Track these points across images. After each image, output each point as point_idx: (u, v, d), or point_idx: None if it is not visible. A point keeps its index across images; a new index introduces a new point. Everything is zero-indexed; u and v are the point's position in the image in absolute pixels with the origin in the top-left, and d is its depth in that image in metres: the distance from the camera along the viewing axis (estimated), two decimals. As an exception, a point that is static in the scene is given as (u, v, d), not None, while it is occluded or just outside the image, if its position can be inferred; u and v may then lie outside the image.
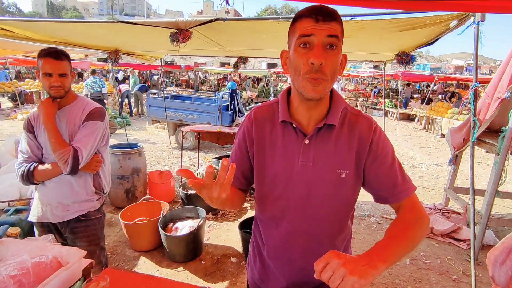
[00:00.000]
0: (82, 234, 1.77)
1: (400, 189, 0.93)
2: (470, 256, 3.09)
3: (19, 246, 1.17)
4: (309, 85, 0.81)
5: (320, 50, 0.78)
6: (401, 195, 0.93)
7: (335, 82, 0.86)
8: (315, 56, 0.78)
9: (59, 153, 1.54)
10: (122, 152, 3.82)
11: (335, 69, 0.82)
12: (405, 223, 0.88)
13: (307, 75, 0.81)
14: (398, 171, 0.94)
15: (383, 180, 0.93)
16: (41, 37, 3.27)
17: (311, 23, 0.79)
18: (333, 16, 0.80)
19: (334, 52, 0.80)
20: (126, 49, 4.28)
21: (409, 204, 0.93)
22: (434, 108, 10.81)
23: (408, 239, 0.84)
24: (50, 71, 1.55)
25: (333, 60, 0.80)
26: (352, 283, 0.66)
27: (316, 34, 0.79)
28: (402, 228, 0.86)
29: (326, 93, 0.86)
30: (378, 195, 0.97)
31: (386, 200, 0.95)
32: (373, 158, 0.92)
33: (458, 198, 3.76)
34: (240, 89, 13.68)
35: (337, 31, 0.80)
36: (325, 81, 0.81)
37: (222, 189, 0.75)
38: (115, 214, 3.70)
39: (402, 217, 0.91)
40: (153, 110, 7.44)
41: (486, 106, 3.01)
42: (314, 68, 0.79)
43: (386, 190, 0.94)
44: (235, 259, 2.95)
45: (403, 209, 0.93)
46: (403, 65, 3.41)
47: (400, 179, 0.93)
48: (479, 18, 1.88)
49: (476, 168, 2.15)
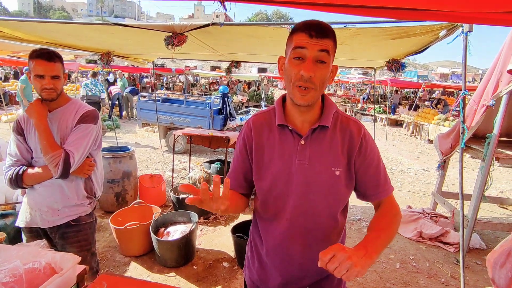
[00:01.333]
0: (72, 240, 1.72)
1: (382, 189, 1.04)
2: (457, 259, 3.17)
3: (10, 252, 1.13)
4: (298, 94, 0.91)
5: (311, 64, 0.87)
6: (383, 194, 1.04)
7: (324, 90, 0.96)
8: (305, 69, 0.87)
9: (50, 156, 1.50)
10: (112, 155, 3.76)
11: (324, 79, 0.92)
12: (388, 217, 1.01)
13: (297, 82, 0.90)
14: (382, 173, 1.04)
15: (369, 180, 1.03)
16: (30, 37, 3.21)
17: (305, 37, 0.88)
18: (326, 33, 0.88)
19: (324, 66, 0.89)
20: (118, 51, 4.23)
21: (388, 202, 1.05)
22: (421, 114, 11.08)
23: (392, 231, 0.97)
24: (42, 73, 1.51)
25: (322, 73, 0.89)
26: (355, 273, 0.77)
27: (308, 48, 0.87)
28: (386, 222, 0.99)
29: (314, 101, 0.94)
30: (362, 193, 1.07)
31: (369, 198, 1.06)
32: (362, 159, 1.01)
33: (446, 203, 3.85)
34: (231, 93, 13.69)
35: (328, 47, 0.88)
36: (314, 90, 0.91)
37: (220, 202, 0.81)
38: (105, 218, 3.63)
39: (385, 212, 1.03)
40: (143, 113, 7.36)
41: (472, 113, 3.11)
42: (303, 78, 0.88)
43: (370, 189, 1.04)
44: (227, 263, 2.94)
45: (384, 206, 1.05)
46: (393, 72, 3.49)
47: (383, 180, 1.04)
48: (467, 29, 1.95)
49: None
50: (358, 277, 0.78)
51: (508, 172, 7.09)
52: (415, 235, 3.64)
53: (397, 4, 1.52)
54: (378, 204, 1.07)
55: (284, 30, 2.51)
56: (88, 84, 7.99)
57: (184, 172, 5.53)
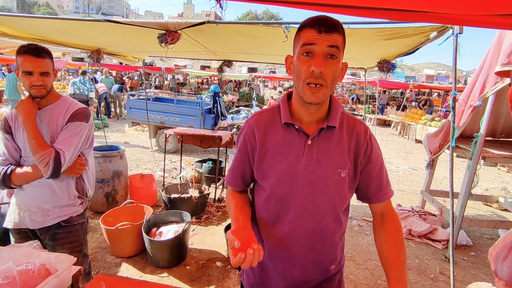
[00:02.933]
0: (63, 241, 1.68)
1: (384, 192, 1.04)
2: (445, 256, 3.25)
3: (2, 254, 1.10)
4: (309, 92, 0.88)
5: (321, 59, 0.84)
6: (384, 197, 1.04)
7: (334, 88, 0.93)
8: (316, 64, 0.84)
9: (39, 155, 1.45)
10: (102, 154, 3.69)
11: (335, 76, 0.88)
12: (399, 241, 1.01)
13: (308, 79, 0.86)
14: (384, 176, 1.05)
15: (372, 182, 1.02)
16: (17, 33, 3.11)
17: (314, 33, 0.85)
18: (335, 28, 0.85)
19: (334, 61, 0.86)
20: (108, 48, 4.15)
21: (388, 209, 1.07)
22: (408, 115, 11.31)
23: (405, 255, 1.00)
24: (30, 69, 1.46)
25: (332, 69, 0.86)
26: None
27: (318, 44, 0.84)
28: (399, 249, 1.00)
29: (325, 98, 0.92)
30: (363, 194, 1.06)
31: (370, 199, 1.06)
32: (367, 161, 1.00)
33: (434, 201, 3.94)
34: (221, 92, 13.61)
35: (338, 42, 0.85)
36: (325, 87, 0.88)
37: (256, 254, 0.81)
38: (95, 219, 3.56)
39: (392, 232, 1.03)
40: (133, 112, 7.25)
41: (460, 113, 3.19)
42: (314, 74, 0.85)
43: (372, 191, 1.03)
44: (220, 263, 2.92)
45: (387, 217, 1.06)
46: (384, 72, 3.55)
47: (385, 183, 1.04)
48: (458, 31, 2.00)
49: (448, 172, 2.26)
50: None
51: (491, 171, 7.32)
52: (404, 233, 3.71)
53: (390, 5, 1.55)
54: (376, 207, 1.07)
55: (279, 29, 2.52)
56: (76, 82, 7.82)
57: (175, 172, 5.48)
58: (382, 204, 1.06)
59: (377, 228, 1.08)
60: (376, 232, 1.09)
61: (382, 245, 1.03)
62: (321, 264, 1.04)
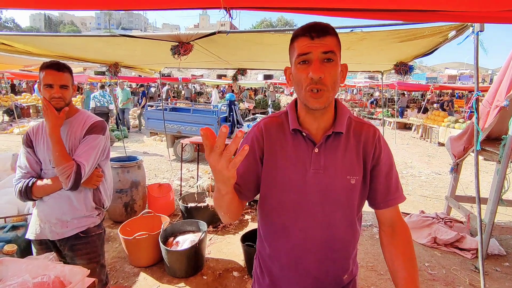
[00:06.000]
0: (81, 252, 1.71)
1: (393, 197, 0.99)
2: (475, 266, 3.06)
3: (20, 266, 1.12)
4: (311, 98, 0.87)
5: (318, 65, 0.84)
6: (391, 203, 0.99)
7: (337, 91, 0.91)
8: (313, 71, 0.83)
9: (62, 167, 1.49)
10: (120, 165, 3.78)
11: (335, 79, 0.87)
12: (412, 258, 0.98)
13: (309, 86, 0.86)
14: (394, 179, 0.99)
15: (380, 186, 0.98)
16: (40, 51, 3.27)
17: (307, 41, 0.85)
18: (327, 31, 0.85)
19: (332, 64, 0.86)
20: (125, 62, 4.29)
21: (398, 218, 1.02)
22: (430, 117, 10.92)
23: (417, 272, 0.97)
24: (51, 82, 1.54)
25: (331, 72, 0.85)
26: None
27: (313, 52, 0.84)
28: (413, 266, 0.97)
29: (329, 103, 0.90)
30: (370, 200, 1.02)
31: (378, 205, 1.01)
32: (375, 164, 0.97)
33: (460, 207, 3.74)
34: (237, 100, 13.70)
35: (332, 46, 0.85)
36: (327, 92, 0.86)
37: (227, 164, 0.68)
38: (114, 228, 3.62)
39: (405, 247, 0.99)
40: (151, 123, 7.42)
41: (485, 114, 3.03)
42: (314, 81, 0.85)
43: (380, 195, 0.99)
44: (237, 273, 2.89)
45: (397, 228, 1.01)
46: (401, 75, 3.44)
47: (394, 187, 0.99)
48: (478, 28, 1.91)
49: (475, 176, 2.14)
50: None
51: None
52: (429, 241, 3.54)
53: (404, 6, 1.49)
54: (387, 217, 1.01)
55: (290, 36, 2.50)
56: (96, 95, 8.10)
57: (192, 181, 5.52)
58: (391, 212, 1.01)
59: (386, 241, 1.02)
60: (385, 245, 1.03)
61: (393, 262, 0.98)
62: (334, 275, 1.00)
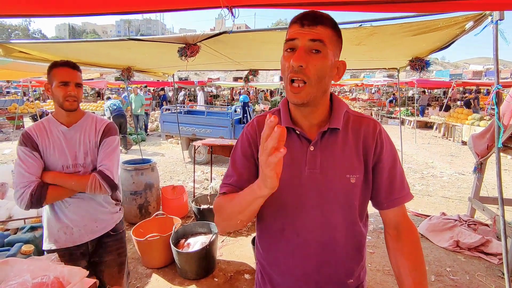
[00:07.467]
0: (111, 248, 1.76)
1: (397, 196, 0.91)
2: (503, 272, 2.86)
3: (22, 266, 1.14)
4: (290, 92, 0.82)
5: (301, 53, 0.78)
6: (397, 202, 0.91)
7: (323, 87, 0.84)
8: (295, 58, 0.78)
9: (88, 186, 1.51)
10: (134, 167, 3.84)
11: (321, 73, 0.80)
12: (420, 263, 0.91)
13: (290, 75, 0.81)
14: (398, 176, 0.92)
15: (382, 184, 0.91)
16: (56, 58, 3.39)
17: (297, 28, 0.80)
18: (320, 21, 0.79)
19: (319, 56, 0.79)
20: (138, 66, 4.37)
21: (403, 219, 0.94)
22: (453, 115, 10.46)
23: (426, 278, 0.90)
24: (67, 79, 1.51)
25: (316, 64, 0.79)
26: None
27: (299, 38, 0.79)
28: (421, 273, 0.89)
29: (310, 99, 0.83)
30: (373, 199, 0.95)
31: (381, 205, 0.94)
32: (377, 160, 0.90)
33: (485, 209, 3.53)
34: (253, 102, 13.73)
35: (321, 36, 0.79)
36: (309, 86, 0.80)
37: (274, 167, 0.65)
38: (128, 230, 3.67)
39: (412, 253, 0.92)
40: (166, 126, 7.55)
41: (509, 110, 2.84)
42: (294, 69, 0.79)
43: (383, 194, 0.92)
44: (249, 275, 2.85)
45: (402, 231, 0.93)
46: (417, 71, 3.29)
47: (398, 185, 0.91)
48: (497, 17, 1.78)
49: (503, 176, 1.99)
50: None
51: (556, 174, 6.46)
52: (451, 245, 3.36)
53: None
54: (391, 218, 0.94)
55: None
56: (109, 105, 8.28)
57: (206, 183, 5.55)
58: (396, 212, 0.93)
59: (392, 245, 0.95)
60: (390, 249, 0.96)
61: (399, 268, 0.91)
62: (336, 279, 0.94)
